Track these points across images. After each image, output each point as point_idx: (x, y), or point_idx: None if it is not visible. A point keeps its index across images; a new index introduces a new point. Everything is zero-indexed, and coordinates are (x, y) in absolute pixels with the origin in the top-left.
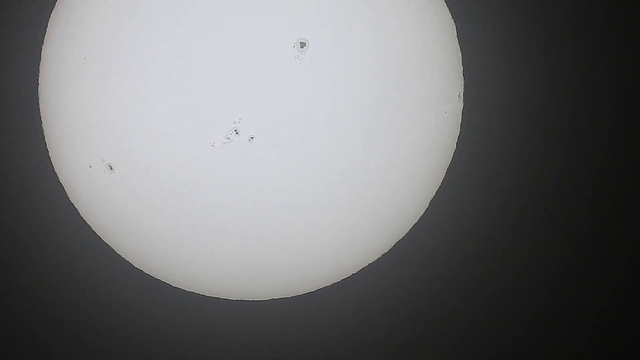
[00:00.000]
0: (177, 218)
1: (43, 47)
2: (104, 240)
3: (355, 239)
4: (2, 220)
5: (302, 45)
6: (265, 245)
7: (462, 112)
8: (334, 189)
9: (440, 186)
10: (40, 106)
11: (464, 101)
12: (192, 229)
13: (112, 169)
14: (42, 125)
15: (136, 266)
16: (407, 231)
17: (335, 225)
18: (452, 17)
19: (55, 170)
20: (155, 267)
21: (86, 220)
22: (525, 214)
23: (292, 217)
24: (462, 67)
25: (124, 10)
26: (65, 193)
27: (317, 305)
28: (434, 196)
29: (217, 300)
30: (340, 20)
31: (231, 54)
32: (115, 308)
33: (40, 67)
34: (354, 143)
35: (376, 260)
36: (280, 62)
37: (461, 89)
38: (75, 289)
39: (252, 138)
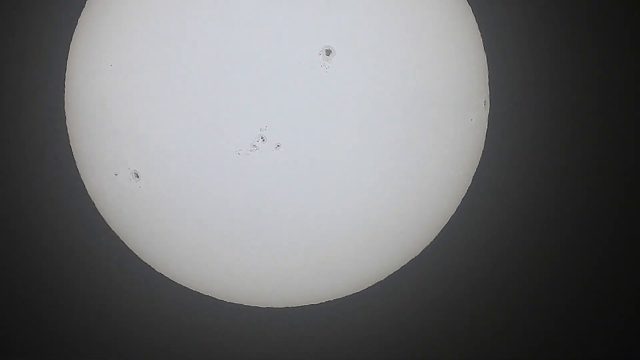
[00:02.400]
0: (202, 226)
1: (69, 55)
2: (129, 247)
3: (382, 246)
4: (28, 228)
5: (328, 53)
6: (292, 253)
7: (488, 119)
8: (360, 197)
9: (466, 193)
10: (66, 113)
11: (490, 108)
12: (217, 237)
13: (137, 176)
14: (68, 132)
15: (161, 272)
16: (432, 239)
17: (361, 233)
18: (478, 25)
19: (82, 178)
20: (181, 274)
21: (112, 227)
22: (552, 221)
23: (318, 225)
24: (488, 74)
25: (150, 17)
26: (92, 201)
27: (341, 314)
28: (461, 203)
29: (241, 307)
30: (366, 28)
31: (257, 62)
32: (140, 315)
33: (66, 75)
34: (380, 151)
35: (401, 268)
36: (306, 69)
37: (487, 96)
38: (101, 296)
39: (278, 146)
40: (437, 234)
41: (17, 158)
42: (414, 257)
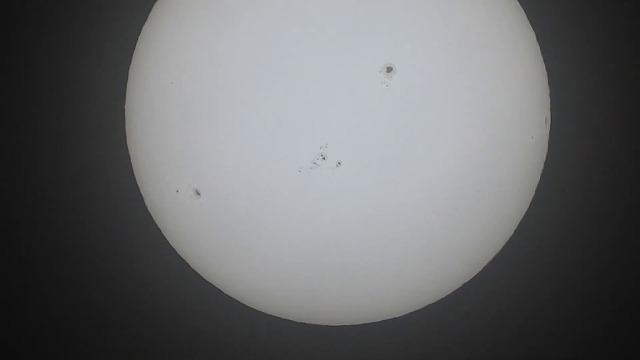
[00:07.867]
0: (263, 244)
1: (130, 72)
2: (190, 265)
3: (443, 263)
4: (90, 245)
5: (389, 70)
6: (352, 270)
7: (549, 136)
8: (421, 215)
9: (527, 210)
10: (127, 130)
11: (550, 125)
12: (278, 254)
13: (198, 194)
14: (129, 149)
15: (220, 289)
16: (493, 256)
17: (422, 251)
18: (539, 43)
19: (142, 194)
20: (242, 293)
21: (172, 244)
22: (615, 241)
23: (378, 243)
24: (548, 91)
25: (211, 36)
26: (152, 217)
27: (398, 331)
28: (521, 219)
29: (299, 324)
30: (427, 46)
31: (317, 80)
32: (201, 332)
33: (127, 92)
34: (440, 169)
35: (463, 285)
36: (367, 87)
37: (548, 113)
38: (162, 314)
39: (339, 164)
40: (496, 253)
41: (78, 176)
42: (474, 275)
